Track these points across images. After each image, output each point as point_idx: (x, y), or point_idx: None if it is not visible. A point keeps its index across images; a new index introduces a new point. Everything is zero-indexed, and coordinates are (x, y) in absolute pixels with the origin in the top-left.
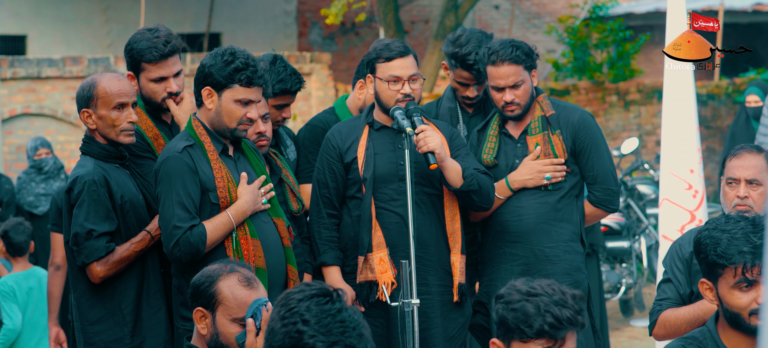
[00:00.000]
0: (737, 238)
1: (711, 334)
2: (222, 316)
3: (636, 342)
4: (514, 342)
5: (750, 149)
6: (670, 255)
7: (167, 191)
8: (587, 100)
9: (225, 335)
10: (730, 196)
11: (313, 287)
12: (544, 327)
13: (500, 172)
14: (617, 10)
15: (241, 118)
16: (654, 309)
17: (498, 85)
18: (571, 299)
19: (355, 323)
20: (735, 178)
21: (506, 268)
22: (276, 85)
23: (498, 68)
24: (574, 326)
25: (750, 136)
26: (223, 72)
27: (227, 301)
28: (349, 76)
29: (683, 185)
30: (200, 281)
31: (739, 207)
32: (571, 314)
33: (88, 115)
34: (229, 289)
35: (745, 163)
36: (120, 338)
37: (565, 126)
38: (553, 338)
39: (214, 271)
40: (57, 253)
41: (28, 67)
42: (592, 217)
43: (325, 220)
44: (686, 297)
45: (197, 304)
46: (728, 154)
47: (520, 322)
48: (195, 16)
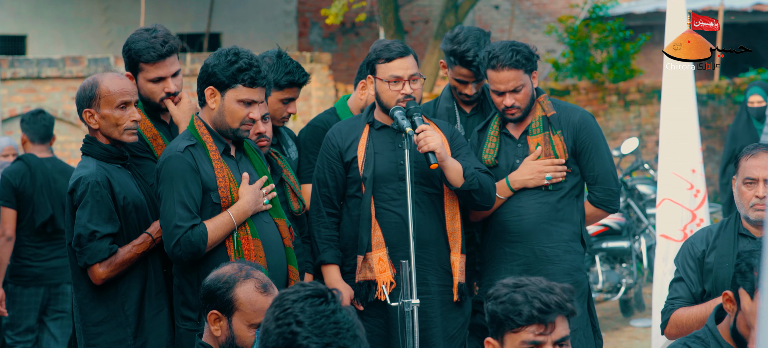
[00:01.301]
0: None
1: (712, 333)
2: (239, 321)
3: (636, 342)
4: (506, 335)
5: (766, 149)
6: (682, 254)
7: (168, 190)
8: (587, 100)
9: (241, 339)
10: (748, 195)
11: (308, 288)
12: (533, 312)
13: (501, 172)
14: (617, 10)
15: (243, 118)
16: (666, 308)
17: (498, 90)
18: (559, 288)
19: (349, 324)
20: (753, 178)
21: (506, 268)
22: (284, 77)
23: (498, 73)
24: (563, 311)
25: (751, 136)
26: (227, 72)
27: (244, 308)
28: (349, 76)
29: (685, 185)
30: (216, 285)
31: (758, 207)
32: (559, 299)
33: (90, 114)
34: (245, 296)
35: (764, 163)
36: (122, 339)
37: (566, 126)
38: (544, 323)
39: (230, 276)
40: (7, 226)
41: (28, 67)
42: (593, 217)
43: (325, 219)
44: (698, 296)
45: (213, 307)
46: (743, 153)
47: (510, 313)
48: (195, 16)
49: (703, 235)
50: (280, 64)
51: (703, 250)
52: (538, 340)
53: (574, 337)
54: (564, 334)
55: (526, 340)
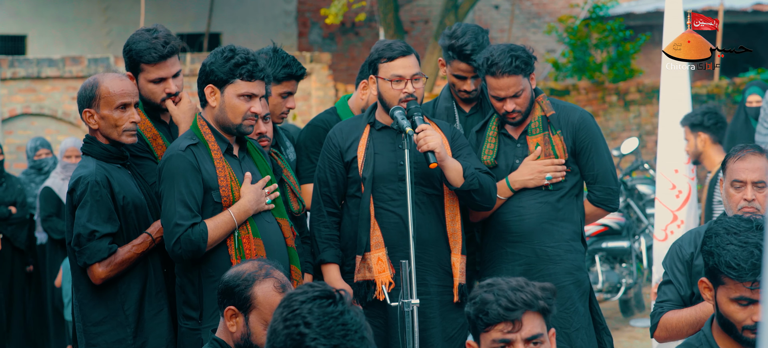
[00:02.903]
0: (750, 253)
1: (707, 339)
2: (256, 319)
3: (636, 342)
4: (481, 335)
5: (753, 150)
6: (670, 256)
7: (169, 189)
8: (587, 100)
9: (257, 337)
10: (736, 198)
11: (316, 288)
12: (499, 311)
13: (500, 172)
14: (617, 10)
15: (245, 112)
16: (655, 311)
17: (498, 96)
18: (534, 287)
19: (357, 326)
20: (741, 180)
21: (508, 268)
22: (281, 70)
23: (498, 80)
24: (531, 308)
25: (749, 136)
26: (224, 68)
27: (262, 307)
28: (349, 76)
29: (668, 185)
30: (235, 282)
31: (747, 210)
32: (527, 297)
33: (90, 115)
34: (264, 295)
35: (751, 165)
36: (122, 339)
37: (565, 126)
38: (510, 320)
39: (250, 274)
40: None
41: (28, 67)
42: (592, 217)
43: (326, 218)
44: (687, 298)
45: (230, 303)
46: (730, 155)
47: (479, 312)
48: (195, 16)
49: (691, 238)
50: (276, 59)
51: (692, 252)
52: (507, 338)
53: (576, 337)
54: (536, 331)
55: (495, 339)
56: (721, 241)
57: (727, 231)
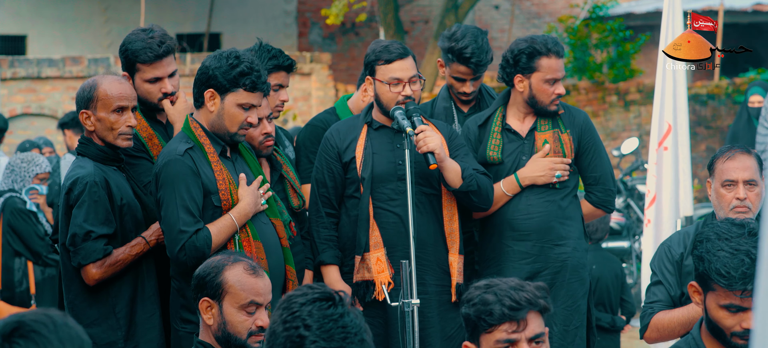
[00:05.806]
0: (741, 261)
1: (695, 342)
2: (229, 304)
3: (636, 342)
4: (481, 337)
5: (742, 150)
6: (658, 257)
7: (170, 195)
8: (587, 100)
9: (232, 324)
10: (728, 198)
11: (316, 290)
12: (504, 311)
13: (505, 169)
14: (617, 10)
15: (242, 122)
16: (645, 312)
17: (555, 77)
18: (530, 286)
19: (356, 328)
20: (732, 180)
21: (514, 266)
22: (269, 62)
23: (557, 61)
24: (534, 307)
25: (751, 136)
26: (229, 75)
27: (234, 290)
28: (349, 76)
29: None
30: (206, 272)
31: (739, 209)
32: (529, 296)
33: (87, 116)
34: (234, 277)
35: (742, 164)
36: (113, 342)
37: (572, 126)
38: (515, 320)
39: (218, 262)
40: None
41: (28, 67)
42: (591, 217)
43: (324, 219)
44: (677, 299)
45: (203, 295)
46: (718, 156)
47: (482, 313)
48: (195, 16)
49: (679, 238)
50: (262, 52)
51: (681, 252)
52: (512, 338)
53: (576, 334)
54: (538, 330)
55: (500, 339)
56: (712, 247)
57: (718, 236)
